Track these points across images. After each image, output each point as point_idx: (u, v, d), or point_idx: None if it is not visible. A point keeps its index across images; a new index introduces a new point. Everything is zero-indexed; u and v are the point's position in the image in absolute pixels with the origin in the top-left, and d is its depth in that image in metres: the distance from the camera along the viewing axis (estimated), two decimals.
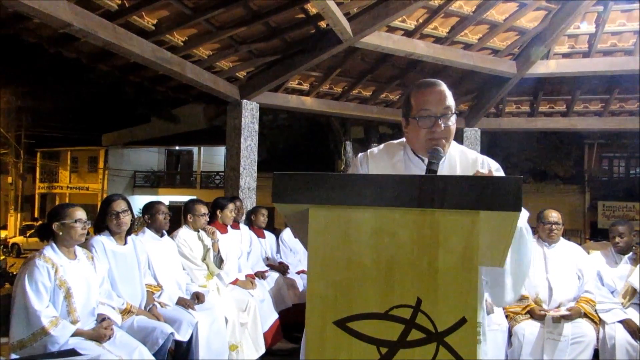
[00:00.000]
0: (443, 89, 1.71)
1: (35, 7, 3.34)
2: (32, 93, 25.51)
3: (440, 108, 1.67)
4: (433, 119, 1.67)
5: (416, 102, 1.71)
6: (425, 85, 1.73)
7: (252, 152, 6.16)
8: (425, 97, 1.70)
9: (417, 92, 1.73)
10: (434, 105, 1.67)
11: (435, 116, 1.67)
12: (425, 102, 1.68)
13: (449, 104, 1.69)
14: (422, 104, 1.69)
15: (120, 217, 3.33)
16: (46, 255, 2.76)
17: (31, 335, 2.59)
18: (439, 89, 1.70)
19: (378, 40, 5.20)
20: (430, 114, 1.67)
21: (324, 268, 1.21)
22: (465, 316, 1.14)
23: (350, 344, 1.18)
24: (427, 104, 1.68)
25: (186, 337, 3.46)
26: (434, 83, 1.73)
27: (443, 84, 1.73)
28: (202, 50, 5.09)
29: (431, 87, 1.71)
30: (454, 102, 1.72)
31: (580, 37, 5.87)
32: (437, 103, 1.68)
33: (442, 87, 1.71)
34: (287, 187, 1.23)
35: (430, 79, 1.78)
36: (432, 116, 1.67)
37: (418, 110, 1.69)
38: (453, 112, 1.70)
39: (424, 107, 1.68)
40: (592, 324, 3.71)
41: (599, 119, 7.24)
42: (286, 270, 5.47)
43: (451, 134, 1.71)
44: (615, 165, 23.30)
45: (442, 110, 1.67)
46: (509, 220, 1.19)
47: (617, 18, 5.57)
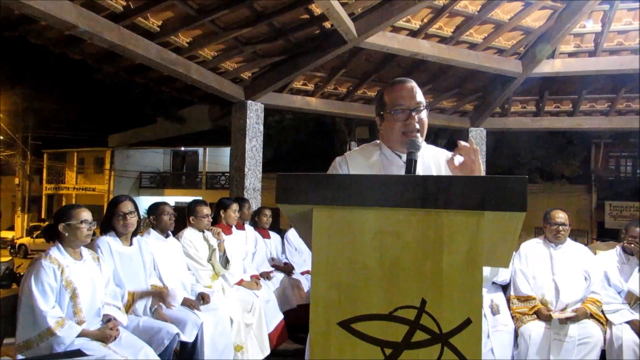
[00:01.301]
0: (414, 85, 1.84)
1: (41, 9, 3.36)
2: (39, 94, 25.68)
3: (413, 102, 1.80)
4: (407, 112, 1.79)
5: (390, 99, 1.84)
6: (397, 83, 1.86)
7: (257, 153, 6.16)
8: (398, 92, 1.83)
9: (390, 89, 1.86)
10: (407, 100, 1.80)
11: (409, 109, 1.79)
12: (399, 98, 1.81)
13: (420, 99, 1.82)
14: (396, 99, 1.82)
15: (127, 219, 3.34)
16: (52, 256, 2.77)
17: (37, 335, 2.61)
18: (410, 85, 1.84)
19: (383, 41, 5.19)
20: (404, 108, 1.80)
21: (328, 269, 1.21)
22: (470, 317, 1.13)
23: (354, 345, 1.18)
24: (401, 99, 1.81)
25: (191, 338, 3.47)
26: (405, 80, 1.86)
27: (413, 81, 1.86)
28: (207, 51, 5.11)
29: (403, 84, 1.84)
30: (424, 98, 1.84)
31: (586, 36, 5.84)
32: (409, 98, 1.81)
33: (412, 84, 1.85)
34: (290, 188, 1.22)
35: (401, 77, 1.91)
36: (406, 109, 1.79)
37: (392, 105, 1.81)
38: (424, 106, 1.83)
39: (398, 102, 1.81)
40: (599, 325, 3.69)
41: (605, 119, 7.20)
42: (291, 270, 5.47)
43: (424, 127, 1.83)
44: (623, 164, 23.15)
45: (415, 104, 1.80)
46: (514, 221, 1.19)
47: (623, 17, 5.54)
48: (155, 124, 26.59)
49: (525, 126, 7.58)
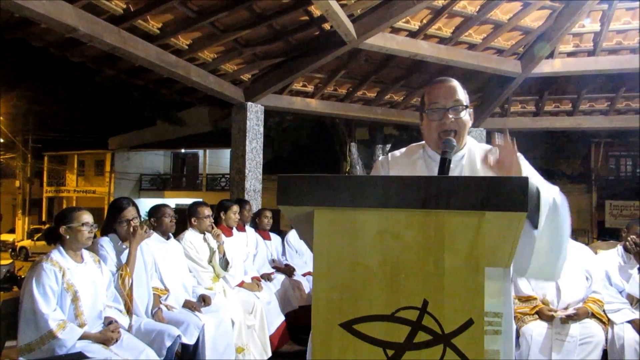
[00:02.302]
0: (453, 84, 1.80)
1: (41, 12, 3.37)
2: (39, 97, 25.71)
3: (450, 101, 1.76)
4: (442, 111, 1.75)
5: (428, 97, 1.81)
6: (437, 82, 1.83)
7: (257, 155, 6.17)
8: (436, 91, 1.80)
9: (429, 88, 1.83)
10: (444, 99, 1.76)
11: (445, 108, 1.75)
12: (435, 96, 1.78)
13: (459, 97, 1.78)
14: (433, 98, 1.79)
15: (132, 225, 3.34)
16: (53, 258, 2.77)
17: (39, 338, 2.60)
18: (449, 84, 1.80)
19: (382, 42, 5.19)
20: (439, 107, 1.76)
21: (329, 270, 1.21)
22: (472, 317, 1.13)
23: (356, 346, 1.18)
24: (438, 98, 1.77)
25: (193, 340, 3.47)
26: (445, 79, 1.83)
27: (454, 81, 1.82)
28: (207, 53, 5.11)
29: (442, 82, 1.81)
30: (466, 98, 1.80)
31: (585, 35, 5.85)
32: (446, 96, 1.77)
33: (452, 83, 1.80)
34: (291, 190, 1.22)
35: (444, 77, 1.87)
36: (441, 108, 1.75)
37: (429, 104, 1.78)
38: (464, 106, 1.78)
39: (434, 101, 1.77)
40: (601, 325, 3.69)
41: (605, 118, 7.20)
42: (292, 272, 5.47)
43: (462, 127, 1.78)
44: (622, 164, 23.12)
45: (452, 103, 1.76)
46: (515, 221, 1.19)
47: (622, 16, 5.55)
48: (155, 126, 26.53)
49: (525, 126, 7.59)
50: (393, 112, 7.16)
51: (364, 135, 13.94)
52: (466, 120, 1.80)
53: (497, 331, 1.64)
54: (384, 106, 7.08)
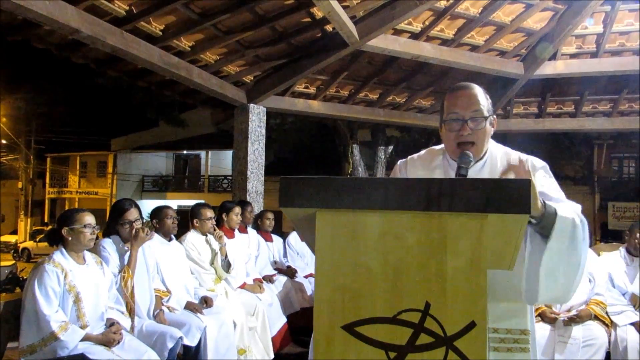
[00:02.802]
0: (474, 92, 1.69)
1: (44, 13, 3.38)
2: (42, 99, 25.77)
3: (469, 111, 1.66)
4: (460, 122, 1.66)
5: (447, 106, 1.71)
6: (457, 89, 1.73)
7: (259, 156, 6.17)
8: (455, 100, 1.70)
9: (449, 95, 1.73)
10: (462, 109, 1.67)
11: (463, 119, 1.66)
12: (454, 106, 1.69)
13: (480, 107, 1.67)
14: (451, 107, 1.69)
15: (134, 227, 3.35)
16: (55, 260, 2.77)
17: (41, 340, 2.61)
18: (469, 92, 1.69)
19: (384, 43, 5.19)
20: (457, 117, 1.67)
21: (331, 272, 1.21)
22: (474, 320, 1.13)
23: (358, 348, 1.17)
24: (456, 107, 1.68)
25: (194, 342, 3.46)
26: (465, 86, 1.72)
27: (476, 87, 1.71)
28: (209, 55, 5.12)
29: (461, 90, 1.71)
30: (488, 106, 1.70)
31: (587, 37, 5.84)
32: (465, 106, 1.67)
33: (473, 91, 1.70)
34: (294, 192, 1.22)
35: (465, 82, 1.77)
36: (459, 119, 1.66)
37: (448, 113, 1.69)
38: (485, 115, 1.68)
39: (453, 111, 1.68)
40: (604, 327, 3.68)
41: (607, 120, 7.19)
42: (294, 274, 5.47)
43: (482, 138, 1.69)
44: (625, 165, 23.06)
45: (471, 114, 1.66)
46: (517, 223, 1.18)
47: (624, 18, 5.54)
48: (157, 127, 26.56)
49: (527, 127, 7.57)
50: (395, 113, 7.16)
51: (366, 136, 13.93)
52: (487, 130, 1.70)
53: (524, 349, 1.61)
54: (387, 108, 7.08)
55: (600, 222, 20.97)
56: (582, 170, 21.12)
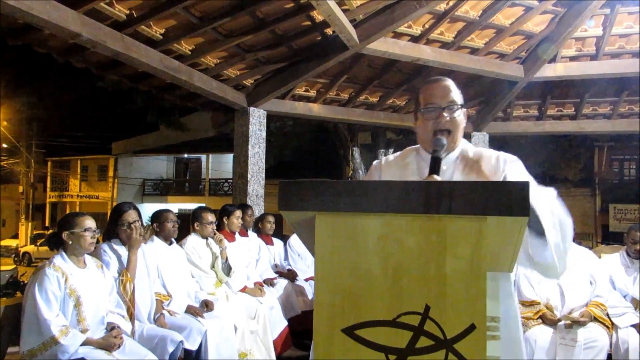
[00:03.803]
0: (448, 83, 1.80)
1: (45, 18, 3.39)
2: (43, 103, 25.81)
3: (445, 101, 1.76)
4: (438, 111, 1.75)
5: (423, 97, 1.81)
6: (432, 81, 1.84)
7: (259, 159, 6.17)
8: (431, 90, 1.80)
9: (424, 88, 1.84)
10: (439, 98, 1.77)
11: (440, 107, 1.75)
12: (430, 96, 1.79)
13: (454, 98, 1.78)
14: (428, 97, 1.79)
15: (132, 228, 3.34)
16: (56, 264, 2.77)
17: (41, 344, 2.61)
18: (444, 83, 1.80)
19: (384, 47, 5.20)
20: (435, 106, 1.76)
21: (331, 275, 1.21)
22: (474, 323, 1.13)
23: (358, 351, 1.17)
24: (433, 97, 1.78)
25: (195, 346, 3.46)
26: (440, 79, 1.83)
27: (449, 80, 1.82)
28: (210, 58, 5.13)
29: (436, 82, 1.81)
30: (460, 98, 1.80)
31: (587, 39, 5.85)
32: (441, 96, 1.77)
33: (447, 82, 1.80)
34: (293, 195, 1.23)
35: (439, 76, 1.87)
36: (437, 108, 1.76)
37: (425, 103, 1.79)
38: (459, 106, 1.78)
39: (430, 101, 1.78)
40: (605, 329, 3.67)
41: (607, 122, 7.19)
42: (295, 277, 5.46)
43: (457, 126, 1.78)
44: (626, 167, 23.05)
45: (447, 103, 1.76)
46: (517, 225, 1.18)
47: (624, 20, 5.55)
48: (158, 131, 26.57)
49: (527, 130, 7.58)
50: (395, 116, 7.17)
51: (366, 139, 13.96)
52: (460, 120, 1.80)
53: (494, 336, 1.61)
54: (387, 111, 7.08)
55: (602, 224, 20.95)
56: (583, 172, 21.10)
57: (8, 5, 3.15)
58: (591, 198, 21.64)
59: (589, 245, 10.36)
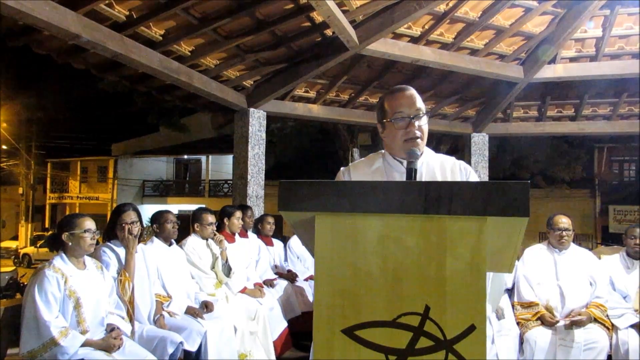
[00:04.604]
0: (413, 92, 1.87)
1: (44, 19, 3.38)
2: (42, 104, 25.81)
3: (413, 110, 1.82)
4: (407, 120, 1.81)
5: (390, 107, 1.86)
6: (397, 91, 1.89)
7: (259, 160, 6.17)
8: (398, 100, 1.85)
9: (390, 97, 1.88)
10: (407, 107, 1.82)
11: (409, 117, 1.81)
12: (399, 105, 1.84)
13: (420, 106, 1.84)
14: (396, 107, 1.84)
15: (130, 229, 3.34)
16: (56, 265, 2.77)
17: (41, 345, 2.60)
18: (410, 92, 1.86)
19: (384, 47, 5.20)
20: (404, 116, 1.82)
21: (331, 276, 1.21)
22: (474, 323, 1.13)
23: (358, 352, 1.17)
24: (401, 107, 1.83)
25: (195, 347, 3.46)
26: (405, 88, 1.88)
27: (412, 89, 1.88)
28: (209, 59, 5.13)
29: (403, 92, 1.87)
30: (424, 105, 1.87)
31: (587, 40, 5.85)
32: (409, 105, 1.83)
33: (412, 91, 1.87)
34: (293, 196, 1.23)
35: (401, 85, 1.94)
36: (406, 117, 1.81)
37: (393, 113, 1.83)
38: (424, 113, 1.85)
39: (398, 110, 1.83)
40: (605, 330, 3.67)
41: (607, 123, 7.19)
42: (295, 278, 5.46)
43: (424, 134, 1.85)
44: (626, 168, 23.07)
45: (415, 112, 1.82)
46: (516, 226, 1.18)
47: (624, 21, 5.55)
48: (158, 132, 26.60)
49: (527, 131, 7.57)
50: None
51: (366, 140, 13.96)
52: (426, 128, 1.86)
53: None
54: None
55: (602, 226, 20.96)
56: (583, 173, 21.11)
57: (8, 6, 3.14)
58: (591, 199, 21.66)
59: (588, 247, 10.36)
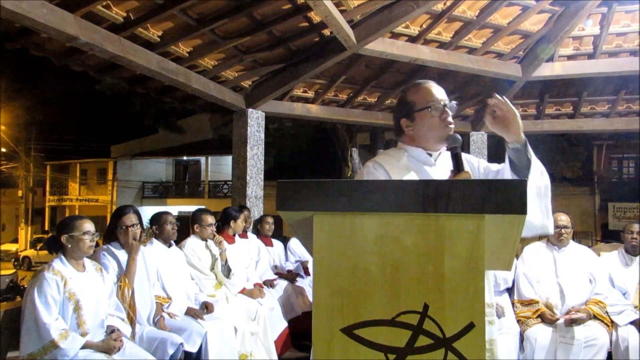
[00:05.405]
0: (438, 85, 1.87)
1: (41, 21, 3.38)
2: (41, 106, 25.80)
3: (444, 98, 1.82)
4: (442, 107, 1.80)
5: (422, 97, 1.82)
6: (423, 82, 1.88)
7: (258, 161, 6.17)
8: (430, 90, 1.82)
9: (416, 89, 1.85)
10: (441, 95, 1.82)
11: (444, 105, 1.80)
12: (431, 95, 1.81)
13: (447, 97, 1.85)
14: (429, 95, 1.81)
15: (130, 231, 3.33)
16: (55, 267, 2.77)
17: (41, 348, 2.60)
18: (437, 84, 1.86)
19: (382, 47, 5.20)
20: (443, 104, 1.80)
21: (329, 275, 1.21)
22: (473, 321, 1.13)
23: (358, 351, 1.17)
24: (435, 95, 1.81)
25: (195, 348, 3.46)
26: (428, 80, 1.89)
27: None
28: (207, 60, 5.12)
29: (429, 82, 1.86)
30: None
31: (584, 38, 5.85)
32: (441, 94, 1.82)
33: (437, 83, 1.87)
34: (290, 195, 1.22)
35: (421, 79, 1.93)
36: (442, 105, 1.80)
37: (427, 102, 1.80)
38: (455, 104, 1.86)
39: (433, 98, 1.80)
40: (605, 327, 3.67)
41: (606, 120, 7.19)
42: (295, 278, 5.46)
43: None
44: (625, 166, 23.09)
45: (445, 100, 1.82)
46: (514, 224, 1.18)
47: (621, 19, 5.55)
48: (157, 133, 26.58)
49: (526, 129, 7.38)
50: None
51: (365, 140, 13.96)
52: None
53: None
54: (385, 111, 7.07)
55: (601, 223, 20.96)
56: (582, 171, 21.12)
57: (4, 8, 3.14)
58: (590, 196, 21.66)
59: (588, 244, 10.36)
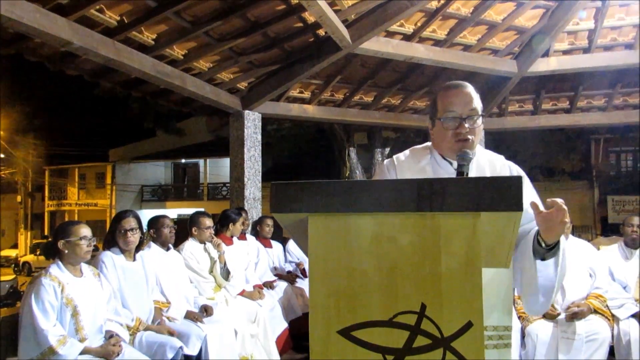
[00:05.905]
0: (469, 90, 1.71)
1: (35, 26, 3.37)
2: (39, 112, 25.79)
3: (466, 109, 1.68)
4: (458, 120, 1.67)
5: (442, 104, 1.71)
6: (452, 87, 1.74)
7: (255, 163, 6.16)
8: (451, 98, 1.70)
9: (443, 94, 1.74)
10: (460, 107, 1.68)
11: (461, 117, 1.67)
12: (451, 104, 1.69)
13: (475, 106, 1.69)
14: (448, 105, 1.70)
15: (128, 235, 3.32)
16: (52, 273, 2.76)
17: (40, 354, 2.59)
18: (465, 90, 1.71)
19: (377, 46, 5.20)
20: (455, 115, 1.68)
21: (325, 277, 1.20)
22: (471, 320, 1.12)
23: (355, 353, 1.16)
24: (453, 105, 1.69)
25: (195, 351, 3.45)
26: (460, 84, 1.73)
27: (470, 86, 1.73)
28: (202, 62, 5.12)
29: (457, 89, 1.72)
30: (481, 105, 1.73)
31: (579, 33, 5.85)
32: (463, 104, 1.68)
33: (468, 89, 1.72)
34: (285, 197, 1.21)
35: (458, 81, 1.77)
36: (457, 117, 1.67)
37: (444, 111, 1.70)
38: (479, 114, 1.70)
39: (450, 109, 1.69)
40: (606, 321, 3.67)
41: (603, 114, 7.19)
42: (294, 279, 5.45)
43: (477, 135, 1.70)
44: (623, 159, 23.12)
45: (468, 112, 1.68)
46: (510, 221, 1.18)
47: (615, 12, 5.55)
48: (155, 137, 26.58)
49: (523, 125, 7.57)
50: (391, 115, 7.16)
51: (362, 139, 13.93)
52: (480, 129, 1.72)
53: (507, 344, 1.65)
54: (382, 110, 7.07)
55: (601, 217, 20.97)
56: (580, 165, 21.14)
57: None
58: (589, 190, 21.67)
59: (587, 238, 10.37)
